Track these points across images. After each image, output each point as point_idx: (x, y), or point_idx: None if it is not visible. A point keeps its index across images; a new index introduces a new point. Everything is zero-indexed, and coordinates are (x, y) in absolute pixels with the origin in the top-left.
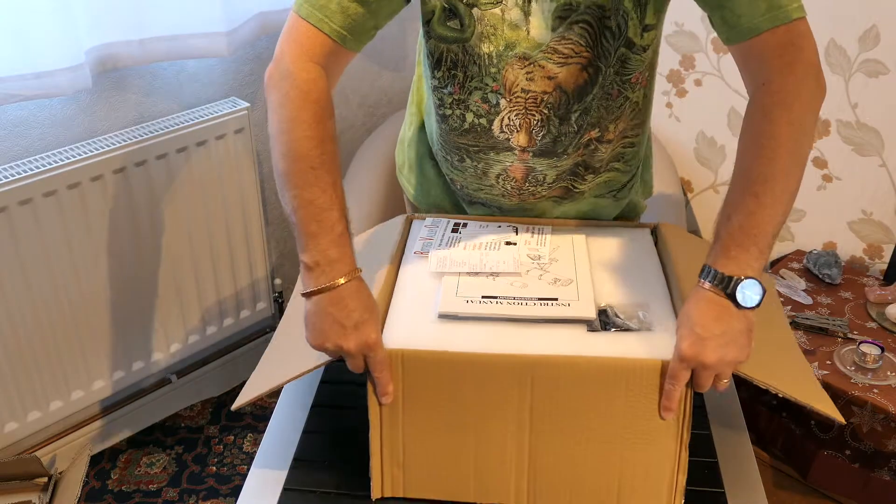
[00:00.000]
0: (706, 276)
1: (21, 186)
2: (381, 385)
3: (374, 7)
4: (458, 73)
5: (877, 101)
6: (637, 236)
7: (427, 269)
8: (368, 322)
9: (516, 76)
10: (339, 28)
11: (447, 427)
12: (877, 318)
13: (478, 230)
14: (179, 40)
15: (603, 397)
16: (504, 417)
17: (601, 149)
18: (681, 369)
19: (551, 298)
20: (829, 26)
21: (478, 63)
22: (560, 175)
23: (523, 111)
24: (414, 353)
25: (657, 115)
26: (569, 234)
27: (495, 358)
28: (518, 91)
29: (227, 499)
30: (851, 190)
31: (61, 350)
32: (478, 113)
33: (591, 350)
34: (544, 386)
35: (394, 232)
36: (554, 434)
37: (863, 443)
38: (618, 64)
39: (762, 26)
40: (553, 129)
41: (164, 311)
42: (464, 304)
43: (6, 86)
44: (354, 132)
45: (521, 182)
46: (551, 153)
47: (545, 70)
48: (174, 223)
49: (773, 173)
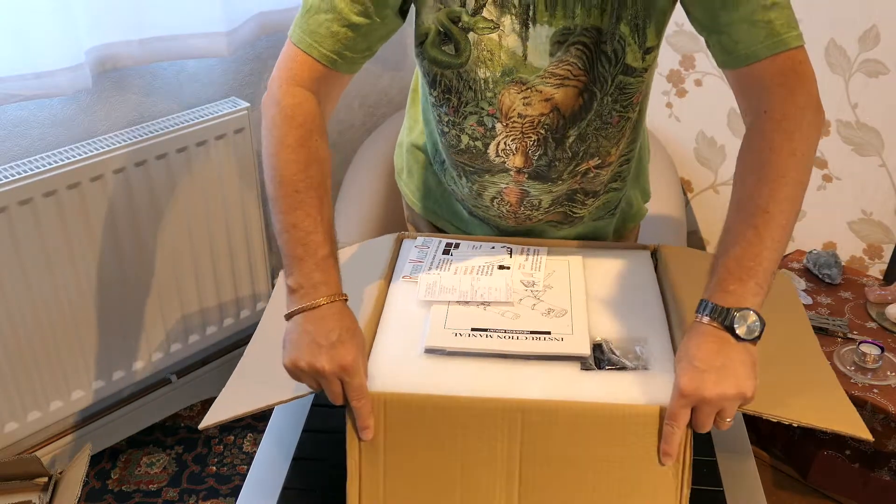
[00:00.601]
0: (703, 311)
1: (21, 186)
2: (361, 417)
3: (364, 31)
4: (453, 98)
5: (877, 101)
6: (636, 259)
7: (416, 296)
8: (347, 343)
9: (513, 101)
10: (329, 52)
11: (431, 475)
12: (877, 318)
13: (470, 252)
14: (179, 40)
15: (597, 445)
16: (492, 466)
17: (601, 174)
18: (680, 407)
19: (544, 332)
20: (829, 26)
21: (473, 88)
22: (556, 200)
23: (520, 135)
24: (397, 397)
25: (657, 115)
26: (565, 256)
27: (482, 402)
28: (515, 116)
29: (227, 499)
30: (851, 190)
31: (61, 350)
32: (473, 136)
33: (584, 392)
34: (534, 432)
35: (383, 252)
36: (545, 484)
37: (863, 443)
38: (616, 92)
39: (761, 53)
40: (549, 150)
41: (164, 310)
42: (452, 337)
43: (6, 86)
44: (354, 132)
45: (517, 206)
46: (545, 177)
47: (542, 93)
48: (174, 223)
49: (775, 206)
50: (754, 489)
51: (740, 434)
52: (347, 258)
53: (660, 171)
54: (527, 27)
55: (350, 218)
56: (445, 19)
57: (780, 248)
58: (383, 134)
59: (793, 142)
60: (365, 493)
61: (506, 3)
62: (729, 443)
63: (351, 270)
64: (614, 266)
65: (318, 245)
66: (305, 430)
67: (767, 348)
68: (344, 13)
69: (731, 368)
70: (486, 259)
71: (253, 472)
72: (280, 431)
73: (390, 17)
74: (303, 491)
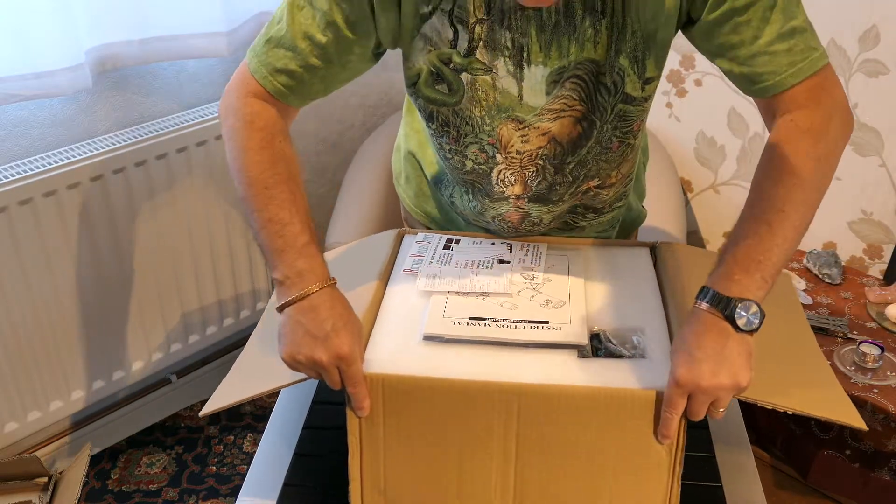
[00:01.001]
0: (704, 297)
1: (21, 186)
2: (357, 401)
3: (321, 74)
4: (452, 130)
5: (877, 101)
6: (635, 256)
7: (415, 287)
8: (341, 332)
9: (510, 136)
10: (283, 88)
11: (430, 455)
12: (877, 318)
13: (471, 247)
14: (179, 40)
15: (593, 429)
16: (489, 447)
17: (602, 193)
18: (677, 395)
19: (542, 321)
20: (829, 26)
21: (470, 124)
22: (556, 216)
23: (518, 168)
24: (396, 379)
25: (657, 115)
26: (564, 252)
27: (480, 385)
28: (513, 152)
29: (227, 499)
30: (851, 190)
31: (61, 350)
32: (476, 161)
33: (580, 378)
34: (531, 416)
35: (384, 247)
36: (541, 466)
37: (863, 443)
38: (616, 119)
39: (787, 83)
40: (549, 176)
41: (164, 310)
42: (450, 325)
43: (6, 86)
44: (354, 132)
45: (517, 224)
46: (546, 200)
47: (539, 129)
48: (174, 223)
49: (791, 207)
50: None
51: (738, 429)
52: (348, 252)
53: (660, 171)
54: (521, 68)
55: (350, 218)
56: (437, 61)
57: (790, 248)
58: (383, 134)
59: (818, 147)
60: (367, 470)
61: (497, 45)
62: (727, 438)
63: (351, 264)
64: (613, 262)
65: (295, 235)
66: (306, 427)
67: (766, 345)
68: (304, 54)
69: (728, 359)
70: (487, 253)
71: (254, 469)
72: (281, 428)
73: (354, 63)
74: (304, 487)
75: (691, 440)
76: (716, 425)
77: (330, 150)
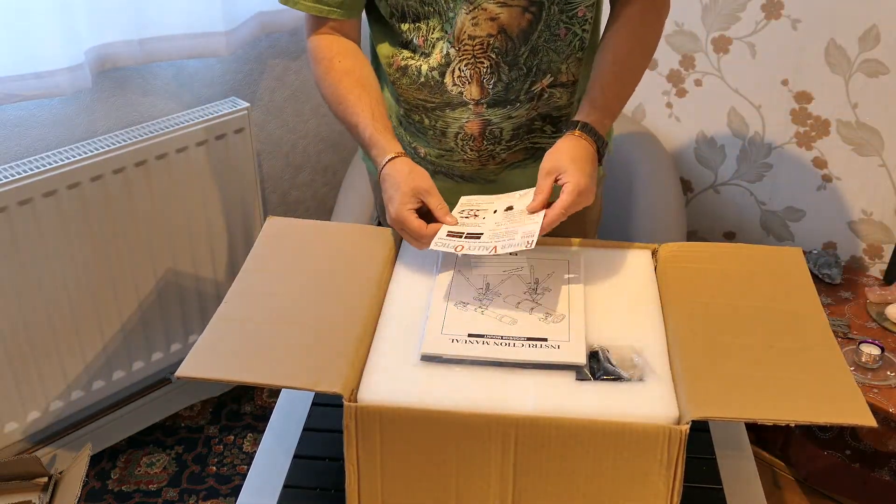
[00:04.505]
0: (585, 131)
1: (21, 186)
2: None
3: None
4: (422, 25)
5: (877, 101)
6: (636, 260)
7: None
8: (393, 199)
9: (463, 22)
10: (323, 6)
11: (427, 484)
12: (877, 318)
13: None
14: (179, 40)
15: (590, 458)
16: (486, 478)
17: (556, 95)
18: (574, 206)
19: (540, 339)
20: (829, 26)
21: (436, 9)
22: (517, 131)
23: (472, 60)
24: (393, 410)
25: (657, 115)
26: (564, 257)
27: (477, 417)
28: (465, 38)
29: (227, 499)
30: (851, 190)
31: (61, 350)
32: (431, 66)
33: (578, 405)
34: (529, 445)
35: (387, 239)
36: (538, 493)
37: (862, 443)
38: (561, 2)
39: None
40: (504, 76)
41: (164, 310)
42: (448, 343)
43: (6, 86)
44: None
45: (480, 140)
46: (504, 101)
47: (487, 12)
48: (174, 223)
49: (640, 66)
50: (753, 487)
51: (739, 432)
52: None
53: (660, 171)
54: None
55: (350, 218)
56: None
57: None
58: None
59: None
60: (364, 500)
61: None
62: (728, 441)
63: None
64: (614, 267)
65: (363, 133)
66: (306, 429)
67: (777, 334)
68: None
69: (594, 178)
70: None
71: (254, 471)
72: (281, 430)
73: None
74: (303, 489)
75: (692, 442)
76: (717, 428)
77: (330, 150)
